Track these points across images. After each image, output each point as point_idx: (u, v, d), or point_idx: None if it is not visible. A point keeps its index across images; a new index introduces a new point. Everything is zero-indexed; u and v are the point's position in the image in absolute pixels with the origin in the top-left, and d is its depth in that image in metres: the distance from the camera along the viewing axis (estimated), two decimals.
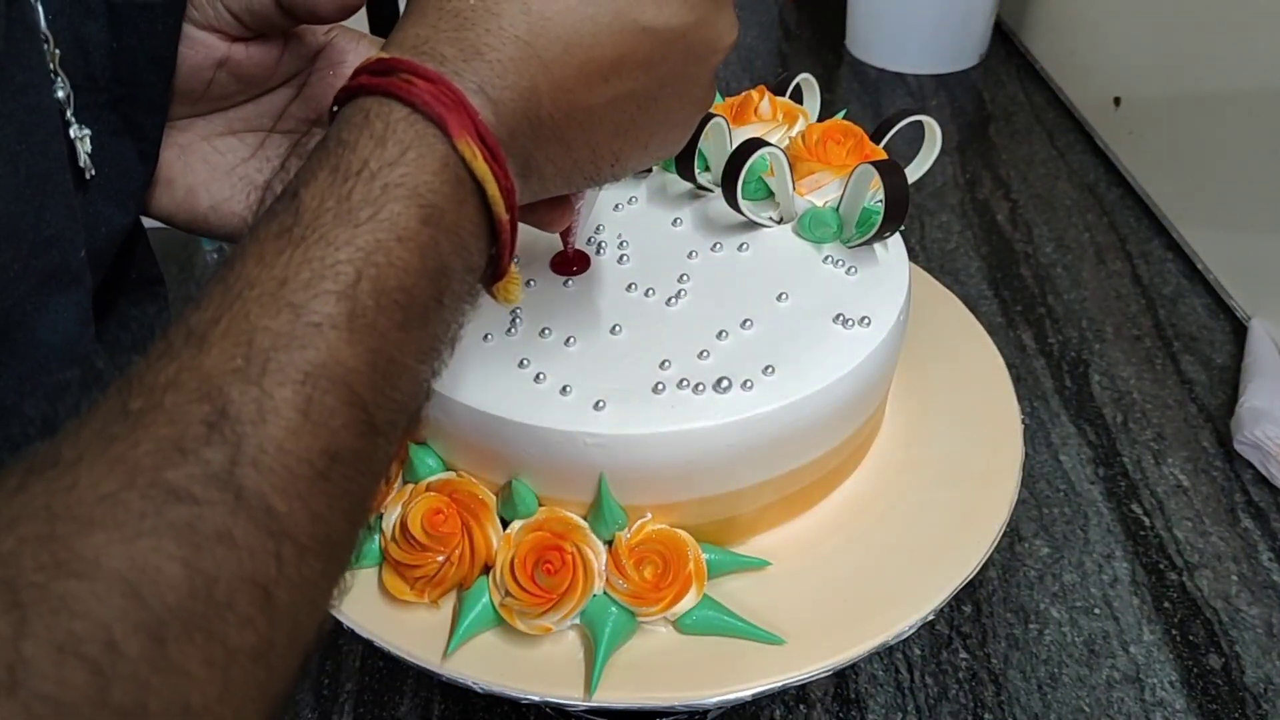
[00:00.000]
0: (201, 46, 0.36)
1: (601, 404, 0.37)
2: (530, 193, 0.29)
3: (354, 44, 0.40)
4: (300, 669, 0.23)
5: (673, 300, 0.42)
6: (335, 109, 0.27)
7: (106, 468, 0.20)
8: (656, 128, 0.31)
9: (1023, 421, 0.48)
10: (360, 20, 0.96)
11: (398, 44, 0.26)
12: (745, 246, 0.45)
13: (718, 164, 0.46)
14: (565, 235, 0.43)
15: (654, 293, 0.43)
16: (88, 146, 0.34)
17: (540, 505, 0.40)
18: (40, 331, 0.31)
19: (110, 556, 0.19)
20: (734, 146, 0.44)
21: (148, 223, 0.41)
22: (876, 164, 0.42)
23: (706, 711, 0.45)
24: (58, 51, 0.33)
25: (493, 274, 0.28)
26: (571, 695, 0.38)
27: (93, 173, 0.35)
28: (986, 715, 0.54)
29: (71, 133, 0.34)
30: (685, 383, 0.38)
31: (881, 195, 0.42)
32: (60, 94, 0.33)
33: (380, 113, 0.25)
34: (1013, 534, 0.63)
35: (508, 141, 0.26)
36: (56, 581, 0.18)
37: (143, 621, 0.19)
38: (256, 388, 0.21)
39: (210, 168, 0.39)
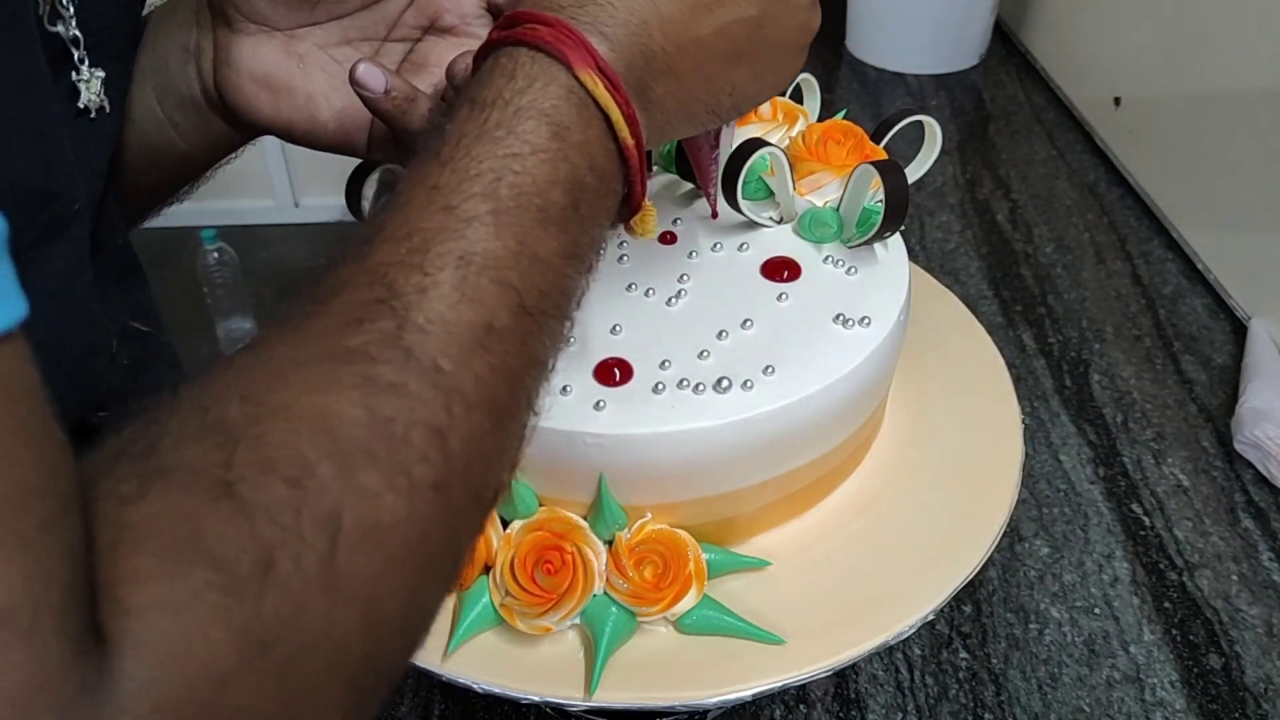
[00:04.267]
0: None
1: (601, 404, 0.37)
2: (655, 129, 0.31)
3: None
4: (478, 523, 0.26)
5: (673, 300, 0.42)
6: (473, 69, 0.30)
7: (294, 341, 0.24)
8: (767, 54, 0.33)
9: (1023, 421, 0.48)
10: None
11: (523, 2, 0.30)
12: (745, 246, 0.45)
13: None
14: (706, 189, 0.43)
15: (654, 293, 0.43)
16: (96, 88, 0.36)
17: (540, 505, 0.40)
18: (39, 278, 0.32)
19: (300, 404, 0.22)
20: (734, 146, 0.44)
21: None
22: (876, 164, 0.42)
23: (706, 711, 0.45)
24: None
25: (628, 208, 0.31)
26: (571, 695, 0.38)
27: (107, 110, 0.37)
28: (986, 715, 0.54)
29: (79, 74, 0.36)
30: (685, 383, 0.38)
31: (881, 195, 0.42)
32: (71, 33, 0.35)
33: (509, 56, 0.29)
34: (1013, 534, 0.63)
35: (624, 73, 0.29)
36: (256, 425, 0.22)
37: (332, 451, 0.22)
38: (418, 272, 0.25)
39: (329, 76, 0.40)
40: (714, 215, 0.46)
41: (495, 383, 0.25)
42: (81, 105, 0.36)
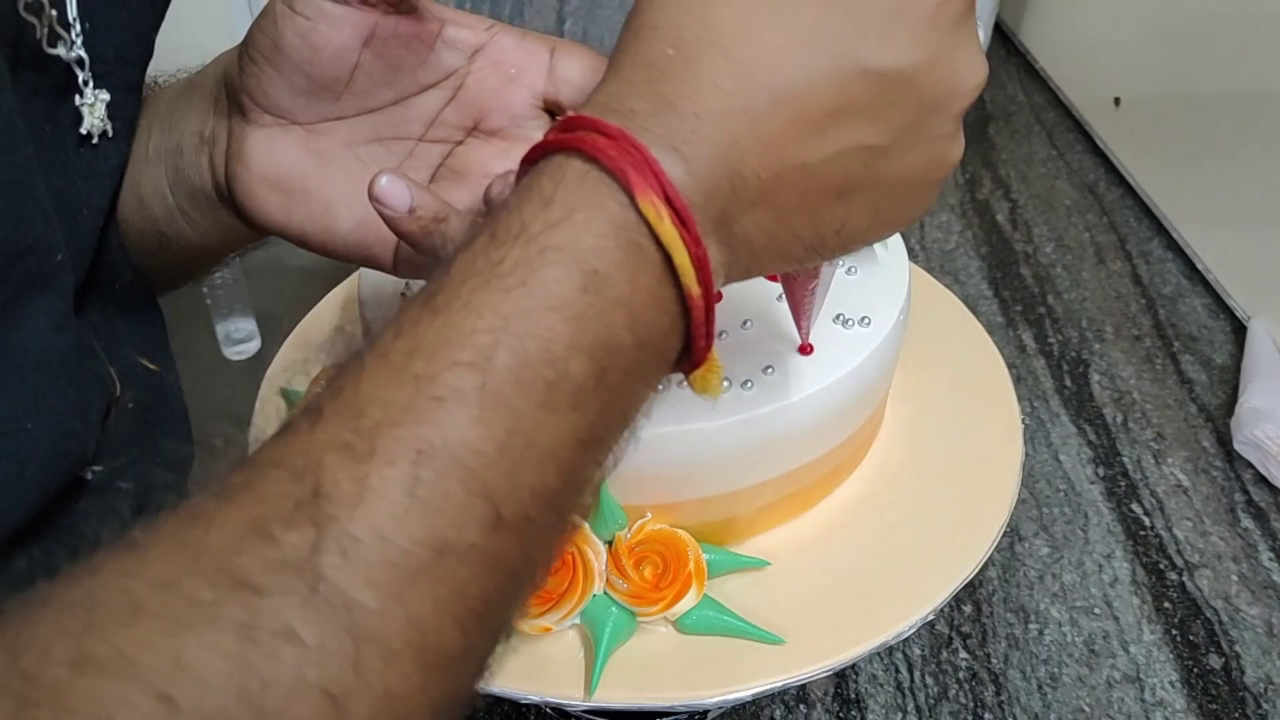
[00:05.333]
0: (344, 23, 0.32)
1: None
2: (741, 268, 0.25)
3: (518, 42, 0.35)
4: None
5: None
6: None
7: (176, 550, 0.18)
8: (889, 189, 0.26)
9: (1023, 421, 0.48)
10: None
11: (590, 102, 0.24)
12: None
13: None
14: (798, 319, 0.37)
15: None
16: (100, 112, 0.33)
17: None
18: (14, 338, 0.30)
19: (150, 651, 0.17)
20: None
21: None
22: None
23: (706, 711, 0.45)
24: (54, 13, 0.31)
25: (689, 359, 0.25)
26: (571, 695, 0.38)
27: (110, 135, 0.33)
28: (986, 715, 0.54)
29: (83, 97, 0.33)
30: (684, 383, 0.38)
31: None
32: (74, 54, 0.32)
33: (554, 172, 0.23)
34: (1013, 534, 0.63)
35: (703, 205, 0.23)
36: (81, 679, 0.17)
37: None
38: (361, 466, 0.19)
39: (352, 179, 0.34)
40: (805, 350, 0.40)
41: (440, 623, 0.19)
42: (84, 131, 0.33)
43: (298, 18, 0.32)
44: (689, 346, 0.24)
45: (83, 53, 0.32)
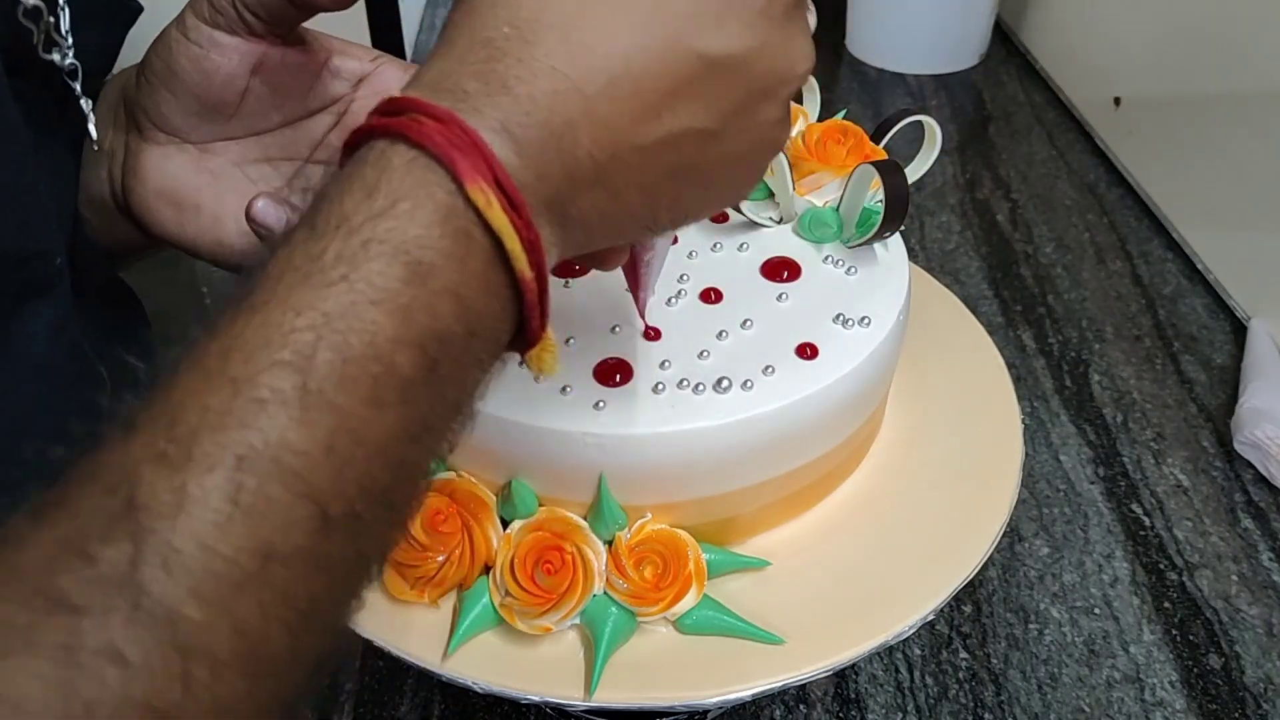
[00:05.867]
0: (234, 52, 0.34)
1: (601, 404, 0.37)
2: (574, 244, 0.26)
3: (401, 73, 0.38)
4: None
5: (673, 300, 0.42)
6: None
7: None
8: (720, 169, 0.27)
9: (1023, 421, 0.48)
10: (358, 25, 0.96)
11: (418, 80, 0.24)
12: (745, 246, 0.45)
13: None
14: (635, 292, 0.38)
15: (654, 293, 0.43)
16: (92, 119, 0.34)
17: (540, 505, 0.40)
18: (17, 344, 0.31)
19: None
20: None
21: None
22: (876, 164, 0.42)
23: (706, 711, 0.45)
24: (52, 20, 0.32)
25: (524, 340, 0.25)
26: (571, 695, 0.38)
27: (93, 139, 0.35)
28: (986, 715, 0.54)
29: (82, 105, 0.34)
30: (685, 383, 0.38)
31: (881, 195, 0.42)
32: (67, 63, 0.33)
33: (378, 159, 0.22)
34: (1013, 534, 0.63)
35: (535, 186, 0.23)
36: None
37: None
38: (179, 475, 0.19)
39: (240, 196, 0.35)
40: (645, 330, 0.40)
41: (267, 629, 0.19)
42: (94, 137, 0.34)
43: (190, 45, 0.34)
44: (523, 327, 0.24)
45: (75, 60, 0.33)
